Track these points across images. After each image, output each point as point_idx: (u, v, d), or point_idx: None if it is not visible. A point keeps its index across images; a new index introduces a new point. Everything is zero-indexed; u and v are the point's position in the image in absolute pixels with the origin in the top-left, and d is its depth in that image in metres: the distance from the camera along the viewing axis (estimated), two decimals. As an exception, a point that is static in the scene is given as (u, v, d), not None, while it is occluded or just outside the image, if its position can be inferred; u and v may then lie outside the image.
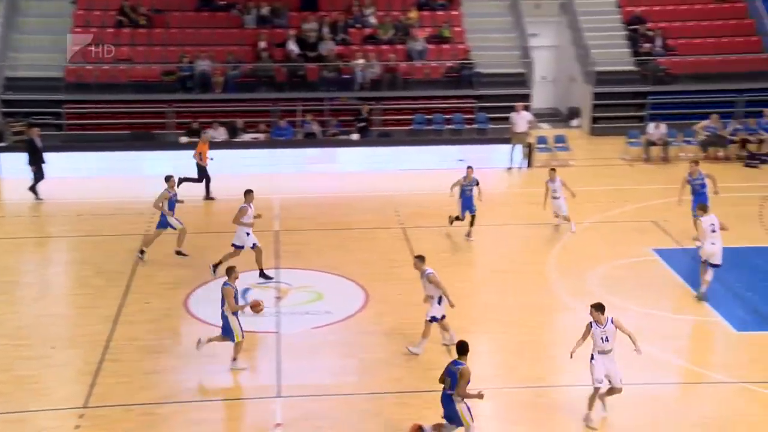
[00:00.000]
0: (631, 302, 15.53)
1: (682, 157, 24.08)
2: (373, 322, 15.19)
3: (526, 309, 15.45)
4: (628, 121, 26.15)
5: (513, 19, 28.22)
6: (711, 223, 15.39)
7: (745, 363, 13.54)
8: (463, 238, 18.64)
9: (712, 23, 27.68)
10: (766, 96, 26.08)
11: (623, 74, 26.66)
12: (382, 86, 26.14)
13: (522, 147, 23.56)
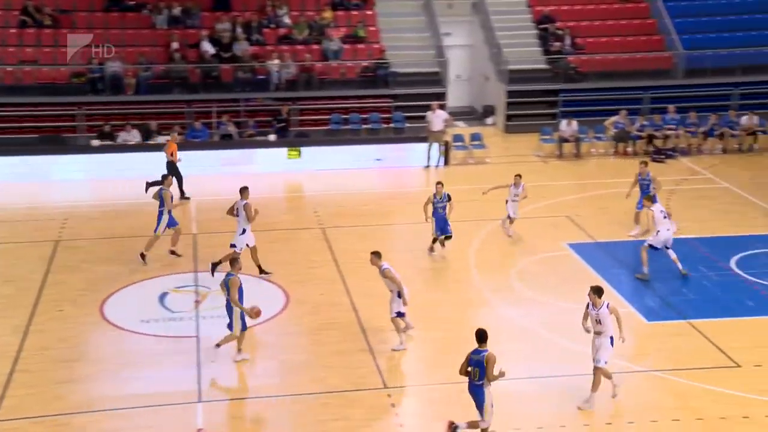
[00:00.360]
0: (547, 296, 15.80)
1: (593, 153, 24.65)
2: (294, 323, 15.06)
3: (449, 305, 15.55)
4: (541, 119, 26.63)
5: (427, 19, 28.43)
6: (661, 210, 16.28)
7: (655, 352, 13.91)
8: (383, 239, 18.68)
9: (618, 22, 28.44)
10: (669, 93, 26.96)
11: (535, 72, 27.15)
12: (298, 86, 25.98)
13: (438, 145, 23.73)
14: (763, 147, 24.76)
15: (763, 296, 15.55)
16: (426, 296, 15.97)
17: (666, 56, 27.22)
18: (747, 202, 20.42)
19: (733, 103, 26.77)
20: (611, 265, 16.88)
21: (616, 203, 20.50)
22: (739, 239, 18.12)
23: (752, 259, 17.18)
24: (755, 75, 27.09)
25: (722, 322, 14.71)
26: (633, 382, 12.93)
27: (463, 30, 29.31)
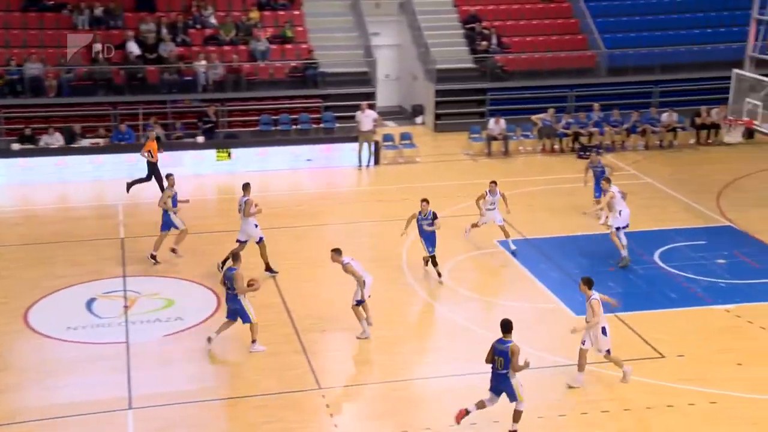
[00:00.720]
0: (479, 293, 15.97)
1: (521, 151, 25.02)
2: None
3: (382, 304, 15.56)
4: (469, 117, 26.92)
5: (354, 19, 28.45)
6: (619, 191, 16.99)
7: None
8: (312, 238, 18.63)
9: (542, 22, 28.93)
10: (593, 91, 27.54)
11: (463, 72, 27.42)
12: (226, 87, 25.70)
13: (368, 145, 23.76)
14: (682, 143, 25.50)
15: (685, 288, 16.02)
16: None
17: (589, 55, 27.80)
18: (668, 197, 21.00)
19: (654, 100, 27.50)
20: (540, 261, 17.16)
21: (544, 200, 20.87)
22: (661, 233, 18.62)
23: (674, 252, 17.67)
24: (674, 73, 27.89)
25: (647, 315, 15.10)
26: (563, 375, 13.17)
27: (391, 30, 29.43)
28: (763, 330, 14.50)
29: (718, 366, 13.45)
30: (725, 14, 29.34)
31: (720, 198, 20.96)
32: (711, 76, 27.50)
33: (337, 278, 16.76)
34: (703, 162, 24.04)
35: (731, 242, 18.09)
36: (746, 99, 21.12)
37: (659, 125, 25.34)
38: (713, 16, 29.30)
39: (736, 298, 15.49)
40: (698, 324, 14.74)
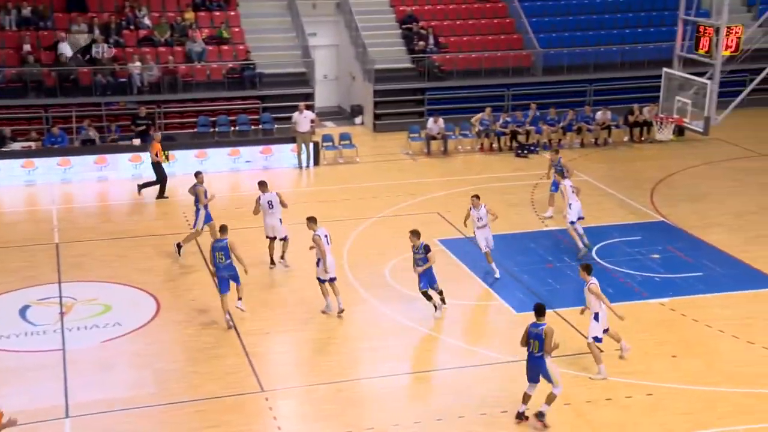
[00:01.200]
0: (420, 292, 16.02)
1: (460, 150, 25.20)
2: (166, 330, 14.68)
3: (322, 305, 15.50)
4: (408, 117, 27.02)
5: (291, 19, 28.32)
6: (571, 185, 17.74)
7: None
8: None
9: (478, 22, 29.19)
10: (529, 90, 27.91)
11: (401, 72, 27.51)
12: (163, 89, 25.33)
13: (306, 146, 23.66)
14: (617, 141, 26.00)
15: (622, 284, 16.33)
16: (301, 296, 15.90)
17: (525, 54, 28.16)
18: (604, 194, 21.40)
19: (588, 99, 27.99)
20: (480, 259, 17.29)
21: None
22: (598, 229, 18.94)
23: (611, 248, 18.00)
24: (607, 72, 28.43)
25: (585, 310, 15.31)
26: (505, 372, 13.31)
27: (329, 30, 29.38)
28: (695, 322, 14.88)
29: (654, 358, 13.75)
30: (654, 14, 30.04)
31: (653, 194, 21.44)
32: (642, 74, 28.13)
33: (279, 280, 16.68)
34: (637, 159, 24.56)
35: (664, 237, 18.51)
36: (676, 97, 21.63)
37: (594, 123, 25.79)
38: (643, 16, 29.96)
39: (669, 292, 15.86)
40: (635, 318, 15.03)
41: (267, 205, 16.67)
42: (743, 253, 17.67)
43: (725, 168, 23.55)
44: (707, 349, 14.09)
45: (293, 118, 23.76)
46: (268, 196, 16.68)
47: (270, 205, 16.63)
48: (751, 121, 27.88)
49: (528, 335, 11.82)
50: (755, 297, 15.89)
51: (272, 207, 16.64)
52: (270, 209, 16.63)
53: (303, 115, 23.66)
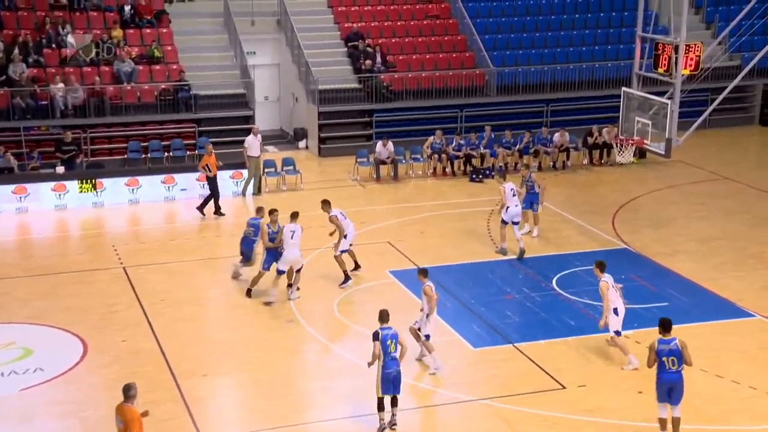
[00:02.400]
0: (371, 327, 15.98)
1: (411, 175, 25.34)
2: (94, 374, 14.41)
3: (267, 343, 15.40)
4: (356, 141, 27.13)
5: (228, 37, 28.31)
6: (512, 188, 18.90)
7: (484, 379, 14.41)
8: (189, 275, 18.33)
9: (428, 39, 29.51)
10: (484, 111, 28.25)
11: (347, 92, 27.62)
12: (89, 112, 25.06)
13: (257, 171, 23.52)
14: (576, 164, 26.41)
15: (584, 315, 16.52)
16: (243, 334, 15.74)
17: (478, 73, 28.53)
18: (563, 220, 21.68)
19: (545, 120, 28.43)
20: (435, 290, 17.33)
21: (436, 227, 21.19)
22: (558, 258, 19.16)
23: (571, 277, 18.21)
24: (564, 92, 28.94)
25: (547, 344, 15.47)
26: (462, 412, 13.32)
27: (269, 48, 29.43)
28: (662, 354, 15.07)
29: (618, 394, 13.90)
30: (611, 31, 30.72)
31: (615, 220, 21.79)
32: (601, 94, 28.71)
33: (218, 316, 16.51)
34: (597, 183, 24.97)
35: (627, 265, 18.79)
36: (636, 118, 22.08)
37: (551, 146, 26.17)
38: (600, 33, 30.62)
39: (634, 323, 16.06)
40: (599, 352, 15.20)
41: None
42: (710, 281, 18.03)
43: (689, 192, 24.08)
44: (674, 383, 14.26)
45: (246, 142, 23.62)
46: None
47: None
48: (713, 142, 28.60)
49: (658, 354, 12.00)
50: (723, 327, 16.20)
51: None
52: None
53: (257, 138, 23.54)
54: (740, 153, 28.04)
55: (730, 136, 29.45)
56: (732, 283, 17.99)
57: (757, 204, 23.00)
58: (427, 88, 28.01)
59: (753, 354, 15.17)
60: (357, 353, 15.18)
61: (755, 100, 30.88)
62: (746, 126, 30.59)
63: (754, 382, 14.19)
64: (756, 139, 30.14)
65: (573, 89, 28.97)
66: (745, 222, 21.63)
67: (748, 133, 30.19)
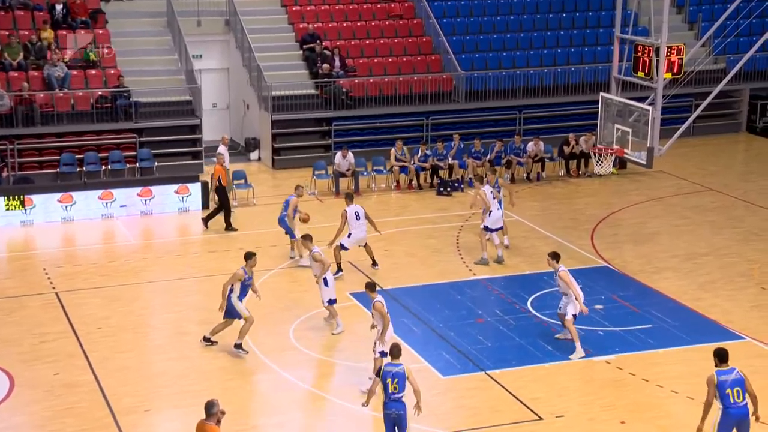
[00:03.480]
0: (335, 355, 15.96)
1: (373, 189, 25.34)
2: (22, 412, 14.19)
3: (215, 376, 15.26)
4: (313, 152, 27.09)
5: (172, 38, 28.19)
6: (491, 191, 19.70)
7: (454, 410, 14.41)
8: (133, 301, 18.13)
9: (390, 41, 29.59)
10: (452, 119, 28.38)
11: (303, 99, 27.59)
12: (16, 122, 24.78)
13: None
14: (551, 175, 26.60)
15: (562, 339, 16.57)
16: (189, 365, 15.59)
17: (445, 78, 28.68)
18: (539, 236, 21.80)
19: (518, 128, 28.62)
20: (400, 314, 17.34)
21: (403, 244, 21.19)
22: (533, 277, 19.25)
23: (547, 298, 18.28)
24: (538, 98, 29.15)
25: (522, 371, 15.51)
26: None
27: (217, 51, 29.34)
28: (645, 382, 15.18)
29: (599, 426, 13.95)
30: (588, 32, 31.05)
31: (594, 235, 21.96)
32: (578, 100, 28.98)
33: (162, 345, 16.33)
34: (574, 196, 25.17)
35: (608, 285, 18.92)
36: (615, 125, 22.30)
37: (525, 156, 26.35)
38: (576, 35, 30.92)
39: (616, 348, 16.17)
40: (578, 379, 15.27)
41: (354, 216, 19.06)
42: (696, 302, 18.21)
43: (672, 204, 24.35)
44: (659, 412, 14.38)
45: (218, 150, 23.38)
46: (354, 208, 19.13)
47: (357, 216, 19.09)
48: (698, 150, 28.98)
49: (720, 387, 11.85)
50: (710, 351, 16.24)
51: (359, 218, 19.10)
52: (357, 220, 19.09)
53: (227, 148, 23.59)
54: (727, 162, 28.44)
55: (716, 145, 29.86)
56: (720, 303, 18.18)
57: (746, 217, 23.31)
58: (390, 95, 28.08)
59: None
60: (316, 384, 15.09)
61: (741, 105, 31.32)
62: (732, 133, 31.03)
63: (744, 410, 14.29)
64: (743, 147, 30.60)
65: (547, 95, 29.21)
66: (733, 237, 21.91)
67: (734, 141, 30.63)
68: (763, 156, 29.25)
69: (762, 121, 31.20)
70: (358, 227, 19.17)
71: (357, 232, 19.19)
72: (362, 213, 19.20)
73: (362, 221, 19.21)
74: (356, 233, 19.19)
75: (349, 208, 19.16)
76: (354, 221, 19.11)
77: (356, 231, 19.17)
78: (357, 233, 19.20)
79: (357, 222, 19.14)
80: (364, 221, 19.26)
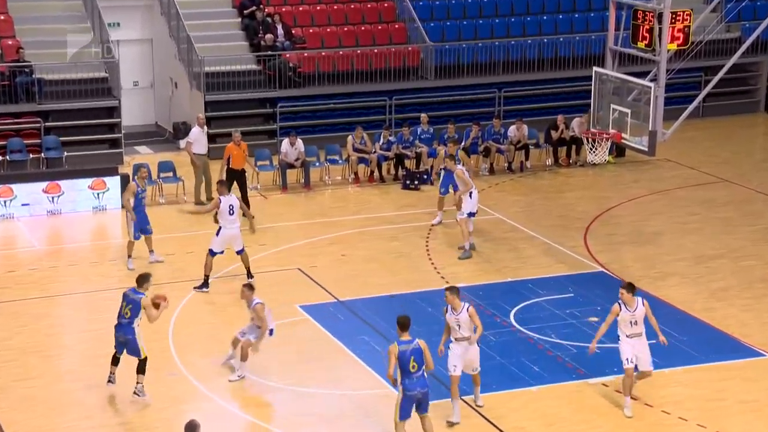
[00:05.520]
0: (283, 380, 15.96)
1: (327, 182, 25.33)
2: None
3: (139, 406, 15.18)
4: (255, 138, 27.01)
5: (83, 4, 27.99)
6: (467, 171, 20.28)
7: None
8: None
9: (345, 6, 29.61)
10: (419, 98, 28.42)
11: (242, 76, 27.55)
12: None
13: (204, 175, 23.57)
14: (537, 165, 26.75)
15: (551, 357, 16.71)
16: (108, 393, 15.51)
17: (411, 50, 28.75)
18: (523, 237, 21.93)
19: (498, 109, 28.76)
20: (358, 330, 17.37)
21: (361, 248, 21.22)
22: (516, 285, 19.36)
23: (534, 309, 18.43)
24: (521, 74, 29.30)
25: (505, 396, 15.60)
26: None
27: (138, 19, 29.26)
28: (649, 407, 15.34)
29: (597, 458, 14.11)
30: (580, -4, 31.28)
31: (588, 236, 22.14)
32: (567, 76, 29.19)
33: (74, 370, 16.24)
34: (565, 189, 25.35)
35: (604, 293, 19.03)
36: (611, 105, 22.46)
37: (506, 142, 26.49)
38: (565, 0, 31.09)
39: (614, 368, 16.29)
40: (570, 405, 15.38)
41: (227, 210, 18.91)
42: (707, 312, 18.43)
43: (678, 198, 24.61)
44: (666, 442, 14.56)
45: (191, 136, 23.40)
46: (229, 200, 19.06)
47: (231, 210, 18.93)
48: (708, 134, 29.30)
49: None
50: (725, 370, 16.55)
51: (232, 213, 18.91)
52: (230, 215, 18.91)
53: (204, 131, 23.63)
54: (742, 148, 28.79)
55: (730, 127, 30.21)
56: (735, 314, 18.41)
57: (765, 213, 23.62)
58: (346, 71, 28.11)
59: (764, 403, 15.52)
60: (259, 414, 15.07)
61: (760, 81, 31.69)
62: (749, 114, 31.41)
63: (764, 438, 14.54)
64: (761, 130, 31.01)
65: (532, 70, 29.39)
66: (750, 236, 22.19)
67: (751, 123, 31.01)
68: (785, 140, 29.67)
69: (783, 99, 31.57)
70: (231, 224, 18.92)
71: (228, 229, 18.91)
72: (237, 206, 19.07)
73: (235, 217, 19.01)
74: (227, 231, 18.91)
75: (224, 199, 18.99)
76: (227, 216, 18.89)
77: (228, 228, 18.90)
78: (228, 231, 18.91)
79: (230, 217, 18.90)
80: (237, 217, 19.09)
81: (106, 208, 23.31)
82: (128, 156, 26.15)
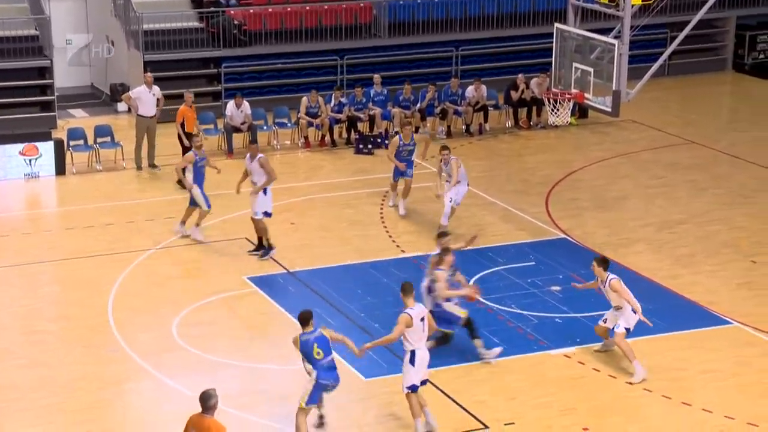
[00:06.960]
0: (232, 355, 16.02)
1: (276, 147, 25.31)
2: None
3: (80, 387, 15.20)
4: (198, 100, 26.80)
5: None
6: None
7: (378, 420, 14.61)
8: None
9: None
10: (372, 58, 28.42)
11: (184, 34, 27.41)
12: None
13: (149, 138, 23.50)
14: (496, 127, 26.90)
15: (511, 328, 16.89)
16: (46, 373, 15.51)
17: (363, 6, 28.71)
18: (483, 203, 22.09)
19: (455, 68, 28.83)
20: (312, 302, 17.40)
21: (312, 216, 21.29)
22: (475, 254, 19.47)
23: (493, 279, 18.60)
24: (478, 31, 29.38)
25: (463, 370, 15.76)
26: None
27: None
28: (613, 379, 15.57)
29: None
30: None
31: (549, 201, 22.34)
32: (527, 33, 29.27)
33: (10, 347, 16.20)
34: (525, 152, 25.53)
35: (567, 261, 19.29)
36: (573, 64, 22.61)
37: (464, 103, 26.59)
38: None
39: (577, 338, 16.52)
40: (531, 377, 15.59)
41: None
42: (672, 279, 18.70)
43: (644, 161, 24.87)
44: (630, 416, 14.75)
45: (136, 94, 23.21)
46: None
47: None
48: (675, 94, 29.59)
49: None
50: (690, 339, 16.82)
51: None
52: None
53: (151, 91, 23.47)
54: (709, 108, 29.10)
55: (696, 86, 30.52)
56: (701, 281, 18.71)
57: (732, 175, 23.95)
58: (295, 28, 28.04)
59: (730, 373, 15.80)
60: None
61: (726, 37, 32.00)
62: (716, 72, 31.74)
63: (730, 410, 14.76)
64: (729, 89, 31.33)
65: (490, 27, 29.47)
66: (717, 199, 22.51)
67: (718, 81, 31.34)
68: (754, 99, 30.01)
69: (751, 56, 31.88)
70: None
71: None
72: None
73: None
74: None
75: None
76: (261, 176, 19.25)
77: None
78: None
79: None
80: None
81: (39, 176, 23.16)
82: (62, 120, 25.97)
